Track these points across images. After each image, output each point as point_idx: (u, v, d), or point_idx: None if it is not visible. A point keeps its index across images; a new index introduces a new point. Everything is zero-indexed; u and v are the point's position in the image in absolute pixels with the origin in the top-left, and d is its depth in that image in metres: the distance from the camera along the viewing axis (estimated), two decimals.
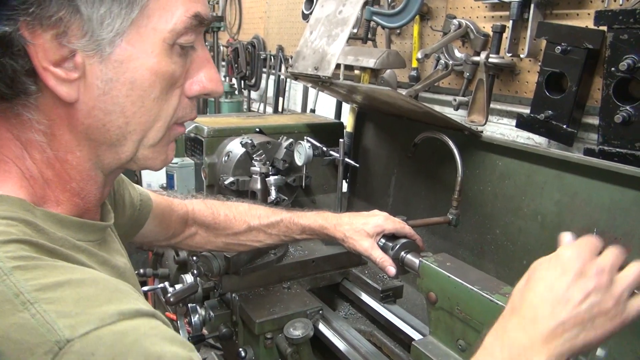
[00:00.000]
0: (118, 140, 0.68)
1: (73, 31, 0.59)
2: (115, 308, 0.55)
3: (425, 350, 1.13)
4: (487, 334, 0.73)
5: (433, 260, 1.16)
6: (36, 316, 0.52)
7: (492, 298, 1.00)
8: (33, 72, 0.60)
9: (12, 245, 0.56)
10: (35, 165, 0.65)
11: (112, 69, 0.63)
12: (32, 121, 0.64)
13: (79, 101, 0.63)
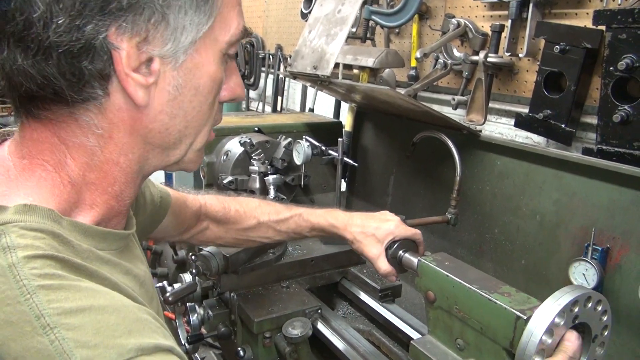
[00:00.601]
0: (174, 144, 0.71)
1: (156, 39, 0.62)
2: (134, 342, 0.54)
3: (424, 349, 1.13)
4: None
5: (431, 259, 1.16)
6: (54, 343, 0.51)
7: (490, 297, 1.00)
8: (107, 77, 0.61)
9: (39, 261, 0.55)
10: (78, 169, 0.65)
11: (183, 76, 0.66)
12: (90, 125, 0.63)
13: (148, 106, 0.65)
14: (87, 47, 0.58)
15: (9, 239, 0.55)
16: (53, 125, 0.63)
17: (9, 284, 0.52)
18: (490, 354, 1.03)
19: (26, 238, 0.56)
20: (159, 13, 0.60)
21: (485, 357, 1.05)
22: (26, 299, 0.52)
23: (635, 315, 1.26)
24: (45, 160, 0.63)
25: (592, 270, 1.29)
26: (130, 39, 0.60)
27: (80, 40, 0.57)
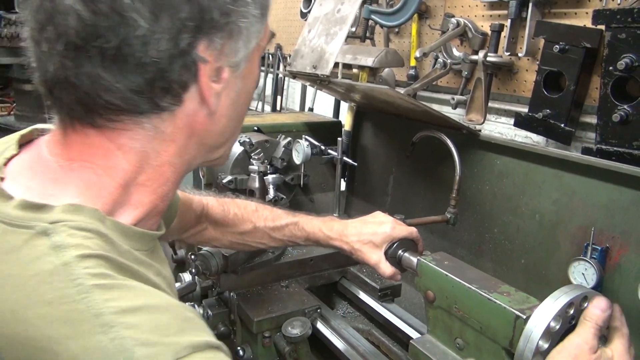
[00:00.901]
0: (223, 143, 0.76)
1: (229, 50, 0.66)
2: (188, 340, 0.54)
3: (423, 348, 1.14)
4: None
5: (431, 259, 1.16)
6: (115, 341, 0.51)
7: (490, 297, 1.01)
8: (187, 87, 0.64)
9: (91, 260, 0.56)
10: (131, 172, 0.66)
11: (241, 82, 0.71)
12: (156, 131, 0.65)
13: (216, 110, 0.69)
14: (179, 61, 0.61)
15: (59, 238, 0.56)
16: (111, 132, 0.64)
17: (65, 282, 0.53)
18: (490, 354, 1.03)
19: (76, 237, 0.57)
20: (237, 28, 0.65)
21: (485, 356, 1.05)
22: (82, 298, 0.52)
23: (635, 314, 1.26)
24: (97, 164, 0.64)
25: (592, 270, 1.29)
26: (213, 51, 0.64)
27: (175, 55, 0.60)
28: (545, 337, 0.90)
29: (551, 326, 0.90)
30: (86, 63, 0.58)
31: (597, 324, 0.88)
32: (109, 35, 0.57)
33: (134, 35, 0.57)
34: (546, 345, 0.90)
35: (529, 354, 0.90)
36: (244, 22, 0.65)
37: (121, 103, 0.61)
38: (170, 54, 0.60)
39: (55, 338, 0.50)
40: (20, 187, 0.63)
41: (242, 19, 0.64)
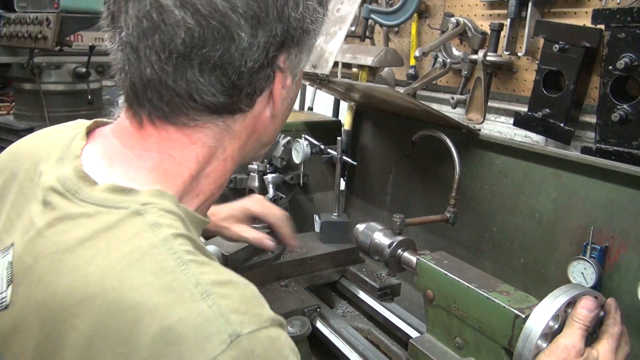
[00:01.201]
0: (272, 140, 0.85)
1: (296, 62, 0.74)
2: (267, 313, 0.62)
3: (423, 348, 1.14)
4: None
5: (430, 258, 1.17)
6: (212, 307, 0.57)
7: (489, 296, 1.02)
8: (261, 92, 0.72)
9: (183, 239, 0.62)
10: (201, 164, 0.72)
11: (294, 88, 0.79)
12: (228, 130, 0.73)
13: (277, 114, 0.77)
14: (265, 69, 0.70)
15: (152, 217, 0.62)
16: (189, 129, 0.70)
17: (165, 255, 0.59)
18: (489, 353, 1.04)
19: (166, 218, 0.63)
20: (306, 45, 0.74)
21: (484, 355, 1.06)
22: (182, 270, 0.58)
23: (634, 313, 1.26)
24: (173, 156, 0.70)
25: (591, 269, 1.29)
26: (287, 63, 0.73)
27: (264, 65, 0.69)
28: (544, 337, 0.91)
29: (550, 325, 0.90)
30: (188, 69, 0.65)
31: (584, 324, 0.90)
32: (214, 46, 0.64)
33: (235, 47, 0.65)
34: (545, 345, 0.90)
35: (527, 354, 0.91)
36: (313, 40, 0.74)
37: (211, 105, 0.68)
38: (260, 64, 0.68)
39: (163, 304, 0.56)
40: (102, 174, 0.68)
41: (314, 36, 0.74)
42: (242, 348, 0.56)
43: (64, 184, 0.67)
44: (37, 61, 3.67)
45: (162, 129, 0.70)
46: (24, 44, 3.52)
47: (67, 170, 0.68)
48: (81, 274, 0.59)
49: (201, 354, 0.54)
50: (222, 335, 0.55)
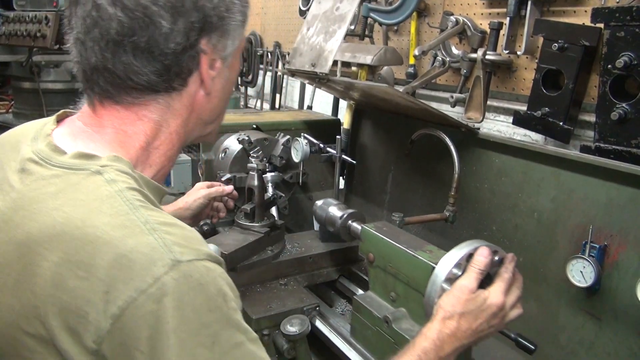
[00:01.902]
0: (214, 120, 0.98)
1: (222, 47, 0.88)
2: (205, 250, 0.75)
3: (364, 302, 1.32)
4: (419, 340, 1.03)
5: (372, 226, 1.37)
6: (158, 240, 0.71)
7: (414, 254, 1.20)
8: (191, 72, 0.86)
9: (135, 191, 0.77)
10: (149, 137, 0.87)
11: (228, 71, 0.93)
12: (168, 107, 0.87)
13: (211, 92, 0.91)
14: (188, 52, 0.83)
15: (110, 175, 0.77)
16: (135, 106, 0.85)
17: (120, 202, 0.74)
18: (416, 303, 1.21)
19: (121, 177, 0.78)
20: (227, 30, 0.87)
21: (412, 305, 1.24)
22: (133, 212, 0.74)
23: (633, 312, 1.26)
24: (124, 130, 0.85)
25: (590, 268, 1.29)
26: (211, 46, 0.86)
27: (186, 47, 0.83)
28: (448, 281, 1.08)
29: (453, 272, 1.08)
30: (122, 54, 0.80)
31: (479, 269, 1.07)
32: (141, 33, 0.79)
33: (159, 33, 0.79)
34: (448, 287, 1.07)
35: (434, 295, 1.09)
36: (232, 26, 0.88)
37: (145, 83, 0.82)
38: (183, 46, 0.82)
39: (117, 237, 0.70)
40: (69, 146, 0.83)
41: (232, 22, 0.87)
42: (182, 271, 0.70)
43: (39, 154, 0.82)
44: (36, 60, 3.67)
45: (111, 108, 0.85)
46: (23, 42, 3.52)
47: (41, 145, 0.83)
48: (51, 218, 0.73)
49: (148, 275, 0.68)
50: (165, 260, 0.70)
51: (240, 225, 1.65)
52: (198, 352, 0.70)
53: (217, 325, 0.73)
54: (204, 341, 0.71)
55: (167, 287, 0.69)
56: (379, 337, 1.27)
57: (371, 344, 1.31)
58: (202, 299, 0.71)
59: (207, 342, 0.71)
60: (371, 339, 1.30)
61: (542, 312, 1.48)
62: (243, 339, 0.76)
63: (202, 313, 0.71)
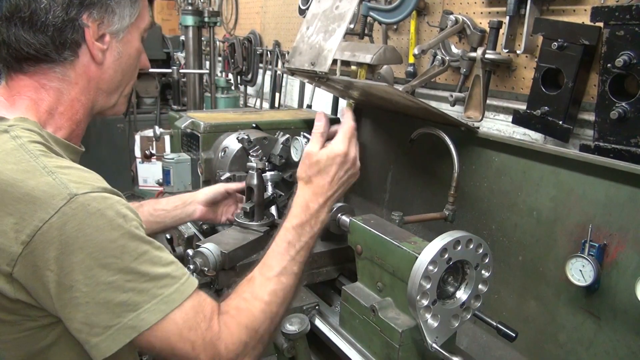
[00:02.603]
0: (114, 90, 1.10)
1: (108, 23, 1.01)
2: (100, 185, 0.90)
3: (352, 293, 1.37)
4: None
5: (360, 219, 1.43)
6: (56, 179, 0.86)
7: (399, 244, 1.25)
8: (79, 45, 0.99)
9: (36, 144, 0.92)
10: (52, 103, 1.01)
11: (121, 46, 1.06)
12: (64, 76, 1.00)
13: (103, 63, 1.04)
14: (70, 25, 0.97)
15: (15, 132, 0.92)
16: (36, 75, 0.99)
17: (22, 153, 0.89)
18: (401, 292, 1.24)
19: (25, 133, 0.93)
20: (111, 7, 1.01)
21: (397, 294, 1.28)
22: (34, 159, 0.88)
23: (632, 311, 1.26)
24: (29, 96, 1.00)
25: (589, 267, 1.29)
26: (94, 21, 0.99)
27: (66, 21, 0.96)
28: (424, 281, 1.10)
29: (429, 269, 1.10)
30: (13, 28, 0.95)
31: (319, 132, 1.22)
32: (24, 9, 0.94)
33: (39, 8, 0.94)
34: (428, 286, 1.10)
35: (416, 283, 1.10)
36: (114, 4, 1.01)
37: (36, 53, 0.96)
38: (62, 20, 0.95)
39: (20, 179, 0.85)
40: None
41: (113, 3, 1.01)
42: (78, 202, 0.85)
43: None
44: None
45: (17, 78, 1.00)
46: None
47: None
48: None
49: (49, 208, 0.83)
50: (62, 195, 0.84)
51: (239, 224, 1.65)
52: (108, 261, 0.85)
53: (122, 240, 0.87)
54: (113, 253, 0.85)
55: (67, 216, 0.83)
56: (366, 326, 1.31)
57: (358, 332, 1.35)
58: (103, 221, 0.85)
59: (117, 253, 0.86)
60: (358, 327, 1.35)
61: (542, 311, 1.48)
62: (148, 247, 0.90)
63: (105, 231, 0.85)
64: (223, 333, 0.96)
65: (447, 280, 1.19)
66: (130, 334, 0.86)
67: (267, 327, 1.04)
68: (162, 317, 0.88)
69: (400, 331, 1.20)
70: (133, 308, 0.86)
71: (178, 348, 0.91)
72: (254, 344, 1.01)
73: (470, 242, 1.14)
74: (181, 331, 0.91)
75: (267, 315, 1.04)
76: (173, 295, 0.90)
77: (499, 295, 1.60)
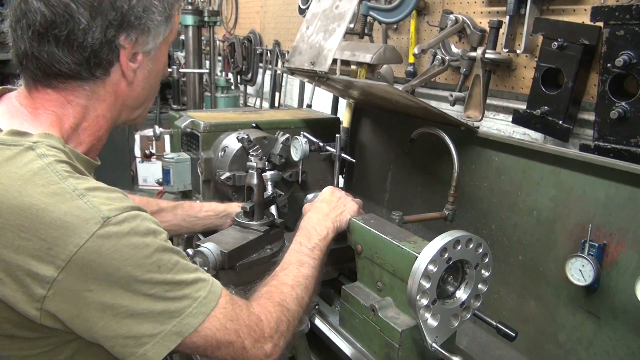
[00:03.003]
0: (140, 105, 1.10)
1: (142, 42, 1.00)
2: (128, 204, 0.90)
3: (352, 292, 1.37)
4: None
5: (360, 218, 1.44)
6: (87, 203, 0.86)
7: (399, 244, 1.25)
8: (112, 64, 0.98)
9: (64, 164, 0.90)
10: (77, 119, 0.99)
11: (152, 63, 1.05)
12: (93, 93, 0.99)
13: (133, 82, 1.03)
14: (107, 46, 0.95)
15: (41, 151, 0.89)
16: (63, 91, 0.97)
17: (49, 173, 0.87)
18: (401, 292, 1.25)
19: (51, 151, 0.90)
20: (147, 28, 0.99)
21: (397, 294, 1.28)
22: (63, 181, 0.86)
23: (631, 310, 1.27)
24: (54, 111, 0.97)
25: (589, 267, 1.29)
26: (129, 41, 0.98)
27: (104, 42, 0.94)
28: (424, 281, 1.11)
29: (429, 269, 1.11)
30: (46, 44, 0.92)
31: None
32: (62, 27, 0.90)
33: (78, 28, 0.91)
34: (428, 285, 1.11)
35: (416, 283, 1.11)
36: (151, 24, 0.99)
37: (68, 71, 0.94)
38: (100, 41, 0.94)
39: (51, 203, 0.84)
40: (5, 124, 0.94)
41: (150, 22, 0.98)
42: (113, 224, 0.86)
43: None
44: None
45: (43, 91, 0.97)
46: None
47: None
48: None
49: (84, 232, 0.83)
50: (96, 219, 0.85)
51: (239, 223, 1.65)
52: (149, 277, 0.88)
53: (156, 255, 0.90)
54: (151, 268, 0.89)
55: (102, 239, 0.84)
56: (365, 325, 1.31)
57: (358, 331, 1.35)
58: (136, 239, 0.88)
59: (153, 268, 0.89)
60: (358, 327, 1.35)
61: (541, 310, 1.49)
62: (178, 257, 0.94)
63: (140, 249, 0.88)
64: (262, 314, 1.07)
65: (447, 280, 1.19)
66: (176, 340, 0.91)
67: (296, 308, 1.15)
68: (204, 318, 0.94)
69: (400, 331, 1.20)
70: (176, 315, 0.91)
71: (224, 341, 0.98)
72: (287, 322, 1.11)
73: (470, 241, 1.14)
74: (224, 325, 0.97)
75: (294, 296, 1.17)
76: (209, 297, 0.96)
77: (498, 294, 1.60)
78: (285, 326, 1.10)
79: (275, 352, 1.06)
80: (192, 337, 0.92)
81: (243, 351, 1.01)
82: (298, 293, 1.18)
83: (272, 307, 1.10)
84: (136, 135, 5.06)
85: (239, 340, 1.00)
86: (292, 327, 1.12)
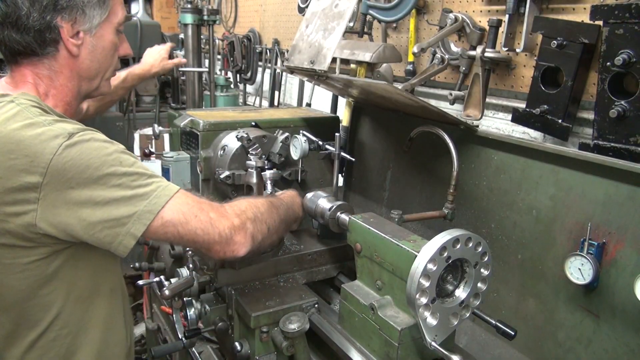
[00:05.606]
0: (94, 76, 1.30)
1: (80, 21, 1.21)
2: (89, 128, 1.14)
3: (352, 291, 1.38)
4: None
5: (360, 217, 1.44)
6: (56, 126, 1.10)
7: (398, 243, 1.26)
8: (57, 42, 1.20)
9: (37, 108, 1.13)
10: (46, 87, 1.23)
11: (95, 40, 1.25)
12: (50, 67, 1.22)
13: (79, 55, 1.24)
14: (47, 26, 1.17)
15: (19, 101, 1.14)
16: (30, 67, 1.22)
17: (26, 113, 1.11)
18: (400, 290, 1.25)
19: (28, 102, 1.15)
20: (81, 9, 1.20)
21: (397, 293, 1.28)
22: (35, 117, 1.11)
23: (630, 309, 1.27)
24: (29, 82, 1.22)
25: (588, 265, 1.30)
26: (67, 22, 1.19)
27: (43, 23, 1.16)
28: (424, 280, 1.11)
29: (428, 268, 1.11)
30: (5, 30, 1.17)
31: None
32: (12, 15, 1.15)
33: (21, 14, 1.15)
34: (427, 284, 1.11)
35: (415, 282, 1.11)
36: (84, 7, 1.19)
37: (24, 49, 1.18)
38: (40, 22, 1.16)
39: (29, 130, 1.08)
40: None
41: (82, 4, 1.19)
42: (76, 136, 1.09)
43: None
44: None
45: (17, 70, 1.23)
46: None
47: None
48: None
49: (55, 145, 1.06)
50: (64, 134, 1.08)
51: None
52: (114, 169, 1.10)
53: (116, 153, 1.12)
54: (114, 163, 1.11)
55: (70, 147, 1.07)
56: (365, 324, 1.31)
57: (357, 330, 1.35)
58: (97, 144, 1.11)
59: (116, 162, 1.11)
60: (357, 325, 1.35)
61: (541, 309, 1.49)
62: (136, 160, 1.15)
63: (101, 150, 1.11)
64: (230, 205, 1.26)
65: (446, 279, 1.19)
66: (149, 217, 1.10)
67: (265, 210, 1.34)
68: (168, 199, 1.12)
69: (399, 329, 1.20)
70: (145, 197, 1.11)
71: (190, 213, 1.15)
72: (254, 211, 1.28)
73: (470, 240, 1.14)
74: (187, 202, 1.16)
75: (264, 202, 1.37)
76: (169, 187, 1.15)
77: (498, 293, 1.61)
78: (252, 213, 1.27)
79: (245, 228, 1.22)
80: (162, 214, 1.11)
81: (211, 221, 1.18)
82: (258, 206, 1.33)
83: (240, 201, 1.31)
84: (135, 133, 5.05)
85: (204, 212, 1.18)
86: (260, 220, 1.29)
